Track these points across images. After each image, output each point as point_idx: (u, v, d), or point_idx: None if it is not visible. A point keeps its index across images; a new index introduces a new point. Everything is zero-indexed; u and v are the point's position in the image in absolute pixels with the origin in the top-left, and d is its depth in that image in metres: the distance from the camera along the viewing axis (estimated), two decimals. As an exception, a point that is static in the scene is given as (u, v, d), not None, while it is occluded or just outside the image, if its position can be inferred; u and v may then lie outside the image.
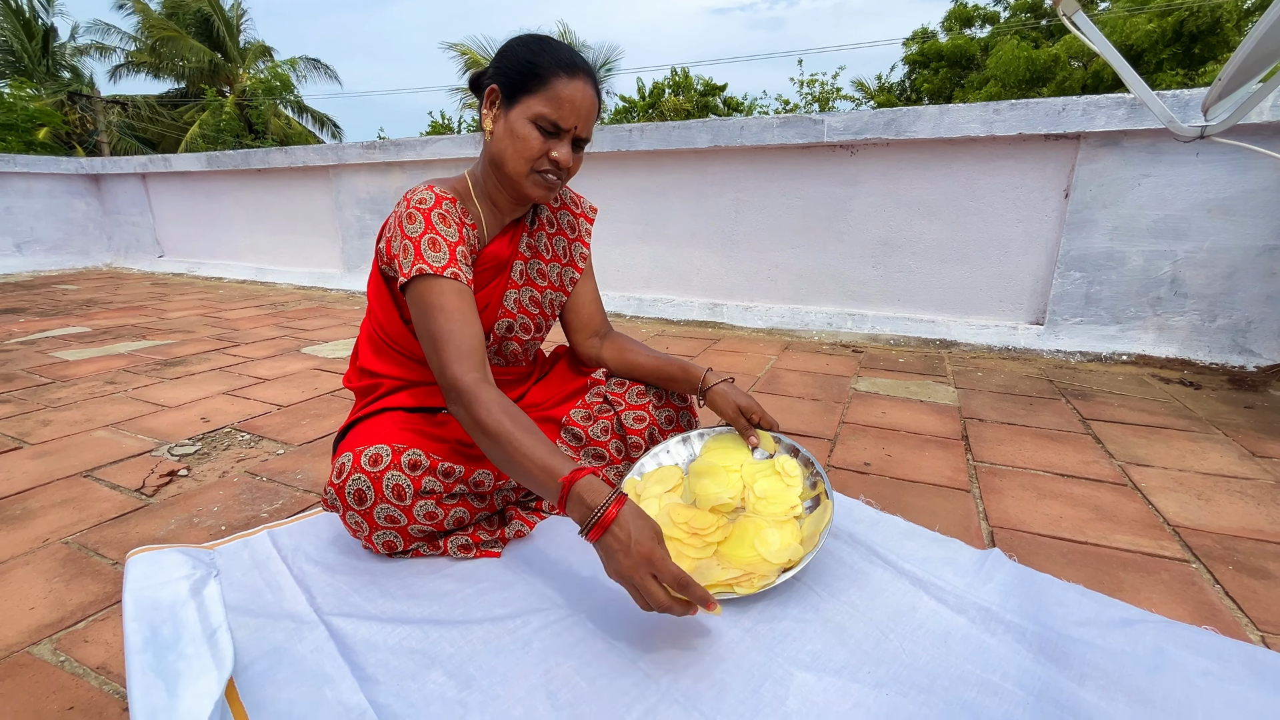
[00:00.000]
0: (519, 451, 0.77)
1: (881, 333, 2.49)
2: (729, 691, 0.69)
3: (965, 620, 0.80)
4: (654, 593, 0.69)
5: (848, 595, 0.86)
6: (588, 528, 0.71)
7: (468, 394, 0.82)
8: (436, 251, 0.91)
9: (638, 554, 0.69)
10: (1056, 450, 1.38)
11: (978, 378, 1.98)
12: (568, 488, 0.73)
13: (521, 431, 0.78)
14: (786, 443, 1.05)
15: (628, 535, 0.70)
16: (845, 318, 2.59)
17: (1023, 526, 1.06)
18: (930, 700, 0.68)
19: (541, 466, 0.75)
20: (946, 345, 2.36)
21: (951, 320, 2.42)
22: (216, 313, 3.20)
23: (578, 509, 0.72)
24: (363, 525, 0.90)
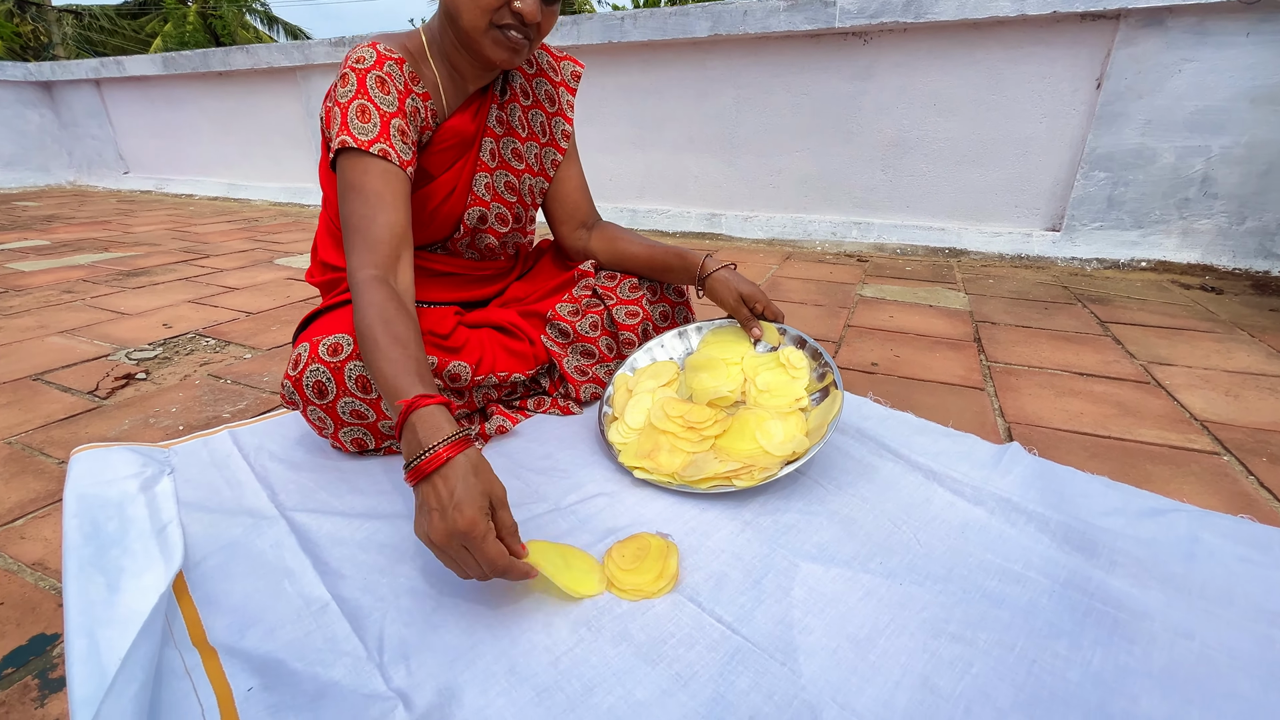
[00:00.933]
0: (376, 361, 0.65)
1: (888, 241, 2.36)
2: (727, 583, 0.63)
3: (983, 511, 0.74)
4: (467, 567, 0.56)
5: (856, 489, 0.80)
6: (408, 466, 0.57)
7: (355, 291, 0.72)
8: (365, 122, 0.78)
9: (455, 521, 0.53)
10: (1075, 351, 1.30)
11: (989, 285, 1.88)
12: (406, 412, 0.59)
13: (390, 340, 0.66)
14: (793, 333, 0.96)
15: (450, 493, 0.55)
16: (850, 226, 2.45)
17: (1041, 422, 0.99)
18: (948, 589, 0.62)
19: (390, 383, 0.63)
20: (956, 254, 2.24)
21: (962, 227, 2.29)
22: (185, 227, 3.02)
23: (408, 441, 0.58)
24: (327, 421, 0.82)
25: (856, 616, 0.59)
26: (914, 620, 0.58)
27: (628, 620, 0.59)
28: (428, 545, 0.56)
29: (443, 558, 0.56)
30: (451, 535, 0.54)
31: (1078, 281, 1.91)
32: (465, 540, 0.54)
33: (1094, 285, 1.86)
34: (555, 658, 0.55)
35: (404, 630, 0.57)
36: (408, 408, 0.59)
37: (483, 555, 0.55)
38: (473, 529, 0.54)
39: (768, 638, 0.56)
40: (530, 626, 0.58)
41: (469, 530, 0.54)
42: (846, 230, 2.46)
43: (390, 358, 0.65)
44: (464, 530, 0.54)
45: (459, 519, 0.54)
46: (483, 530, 0.55)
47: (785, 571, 0.65)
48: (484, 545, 0.55)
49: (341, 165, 0.79)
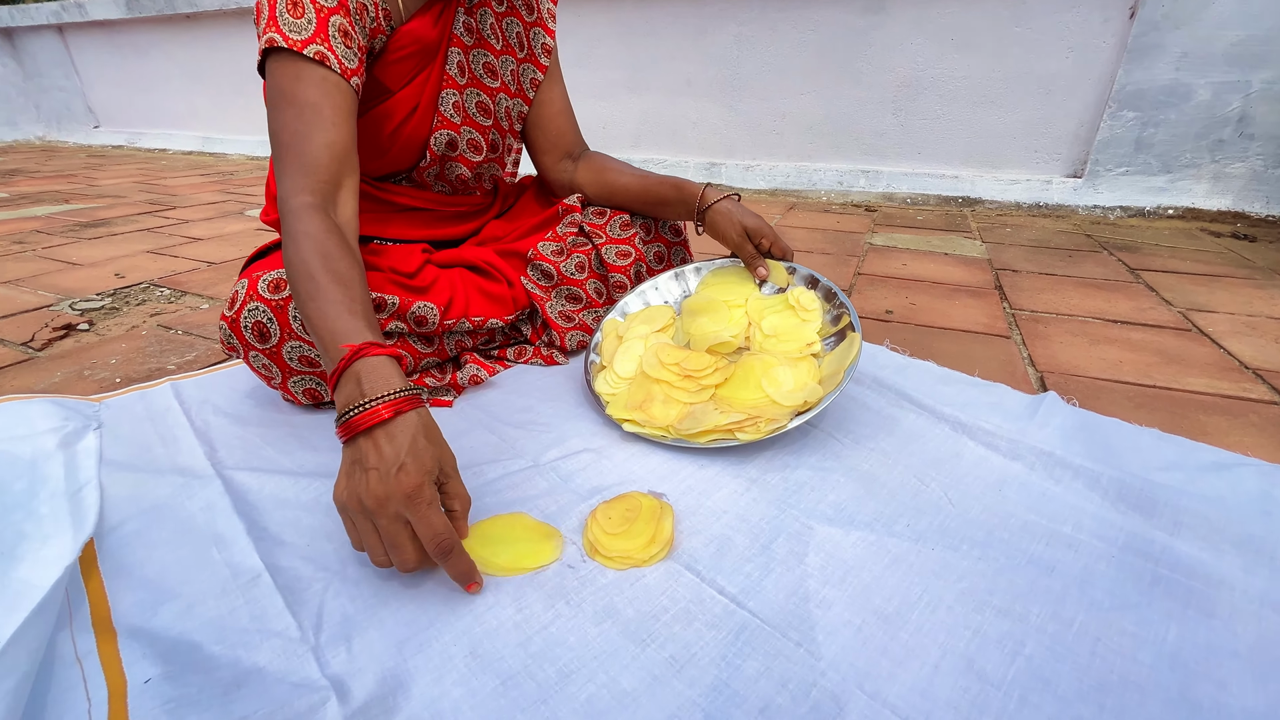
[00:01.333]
0: (313, 301, 0.54)
1: (898, 190, 2.23)
2: (730, 549, 0.54)
3: (1022, 467, 0.65)
4: (399, 544, 0.46)
5: (876, 442, 0.70)
6: (343, 418, 0.48)
7: (286, 220, 0.60)
8: (297, 17, 0.65)
9: (399, 482, 0.45)
10: (1106, 298, 1.20)
11: (1006, 233, 1.76)
12: (350, 359, 0.49)
13: (330, 278, 0.56)
14: (803, 272, 0.86)
15: (396, 452, 0.46)
16: (858, 175, 2.31)
17: (1077, 371, 0.89)
18: (988, 555, 0.53)
19: (330, 326, 0.52)
20: (970, 203, 2.12)
21: (977, 175, 2.16)
22: (155, 180, 2.86)
23: (346, 392, 0.49)
24: (273, 369, 0.71)
25: (883, 587, 0.50)
26: (951, 591, 0.49)
27: (614, 593, 0.50)
28: (349, 511, 0.47)
29: (363, 531, 0.47)
30: (388, 498, 0.45)
31: (1100, 230, 1.79)
32: (406, 505, 0.45)
33: (1118, 234, 1.74)
34: (526, 638, 0.46)
35: (348, 605, 0.48)
36: (352, 354, 0.50)
37: (426, 527, 0.45)
38: (418, 492, 0.45)
39: (780, 613, 0.47)
40: (498, 601, 0.49)
41: (413, 493, 0.45)
42: (854, 179, 2.32)
43: (331, 298, 0.54)
44: (407, 492, 0.45)
45: (403, 479, 0.45)
46: (429, 496, 0.46)
47: (798, 535, 0.56)
48: (428, 513, 0.45)
49: (271, 70, 0.67)
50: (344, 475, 0.48)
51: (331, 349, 0.52)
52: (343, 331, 0.52)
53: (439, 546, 0.46)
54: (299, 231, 0.59)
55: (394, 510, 0.45)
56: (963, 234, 1.75)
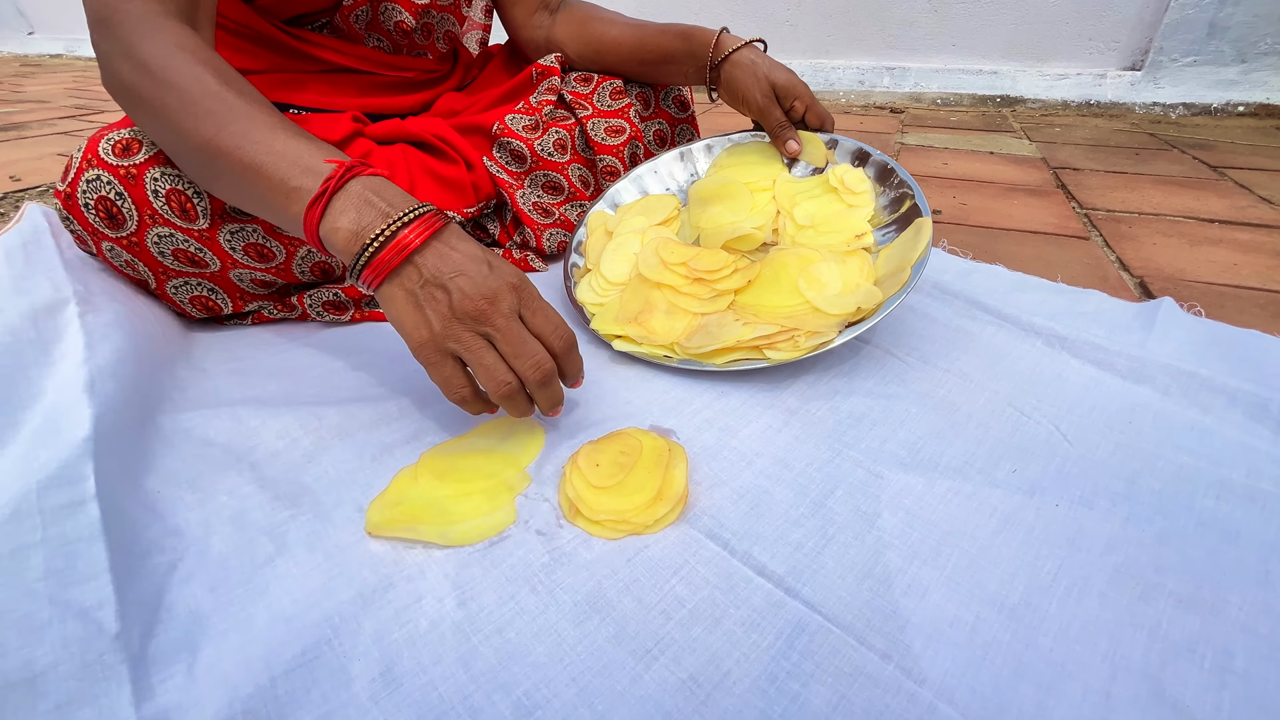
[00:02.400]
0: (231, 124, 0.40)
1: (927, 90, 1.97)
2: (770, 505, 0.38)
3: (1152, 391, 0.49)
4: (526, 348, 0.38)
5: (950, 361, 0.53)
6: (369, 252, 0.37)
7: (131, 34, 0.42)
8: None
9: (500, 276, 0.38)
10: (1194, 196, 1.01)
11: (1055, 133, 1.53)
12: (339, 178, 0.38)
13: (240, 95, 0.42)
14: (848, 145, 0.66)
15: (471, 253, 0.38)
16: (882, 73, 2.04)
17: (1184, 276, 0.72)
18: (1138, 514, 0.37)
19: (277, 148, 0.40)
20: (1009, 102, 1.87)
21: (1019, 70, 1.89)
22: (88, 88, 2.54)
23: (349, 218, 0.37)
24: (139, 267, 0.52)
25: (997, 564, 0.34)
26: (1099, 570, 0.34)
27: (603, 575, 0.34)
28: (440, 343, 0.38)
29: (475, 353, 0.38)
30: (497, 294, 0.38)
31: (1163, 129, 1.57)
32: (519, 297, 0.39)
33: (1184, 132, 1.52)
34: (469, 649, 0.30)
35: (203, 595, 0.32)
36: (342, 172, 0.38)
37: (545, 319, 0.40)
38: (524, 281, 0.40)
39: (852, 605, 0.32)
40: (429, 588, 0.33)
41: (520, 283, 0.39)
42: (877, 77, 2.05)
43: (260, 118, 0.41)
44: (513, 283, 0.39)
45: (503, 271, 0.39)
46: (533, 289, 0.40)
47: (863, 487, 0.39)
48: (543, 304, 0.40)
49: None
50: (410, 311, 0.38)
51: (294, 173, 0.39)
52: (302, 152, 0.39)
53: (565, 340, 0.40)
54: (164, 45, 0.42)
55: (508, 306, 0.38)
56: (1006, 134, 1.52)
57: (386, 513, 0.37)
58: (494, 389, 0.38)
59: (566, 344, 0.40)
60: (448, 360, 0.39)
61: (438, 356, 0.39)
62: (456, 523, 0.36)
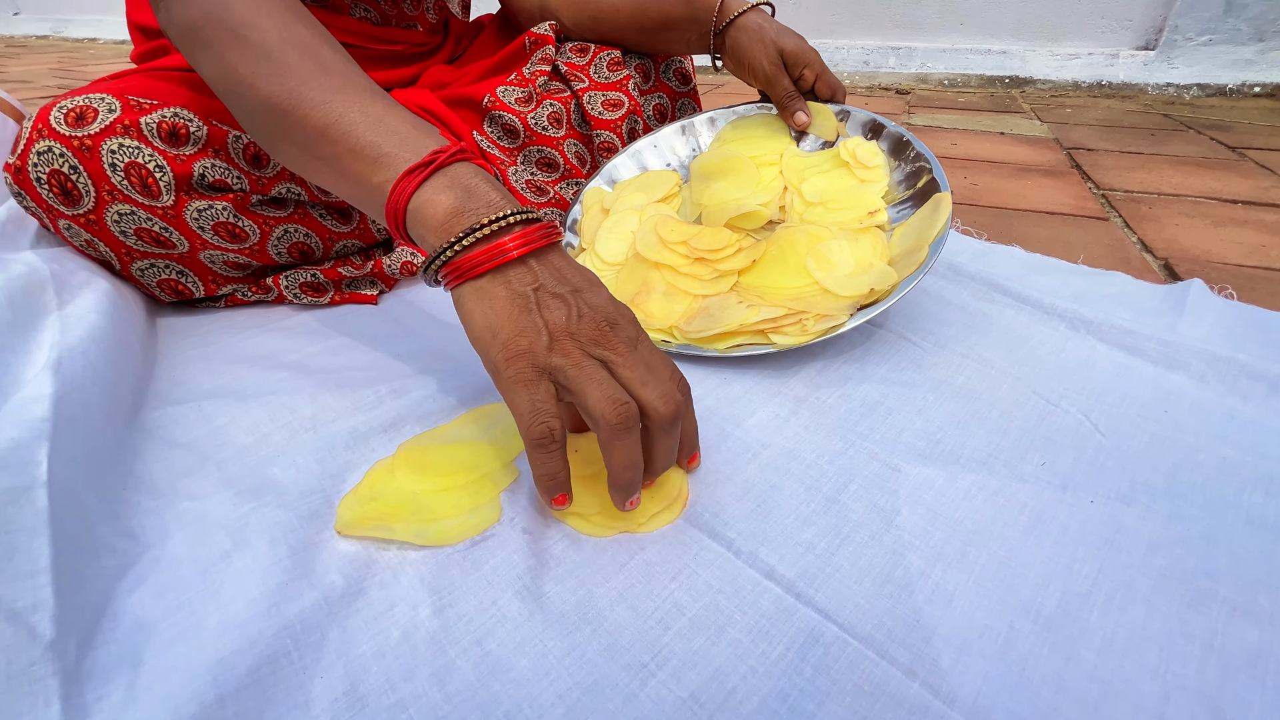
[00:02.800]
0: (315, 75, 0.37)
1: (934, 70, 1.92)
2: (778, 501, 0.35)
3: (1186, 378, 0.45)
4: (653, 374, 0.32)
5: (969, 346, 0.50)
6: (473, 241, 0.32)
7: None
8: None
9: (619, 306, 0.34)
10: (1215, 177, 0.97)
11: (1067, 114, 1.49)
12: (449, 157, 0.34)
13: (325, 45, 0.39)
14: (861, 117, 0.62)
15: (583, 274, 0.34)
16: (887, 53, 1.99)
17: (1211, 257, 0.68)
18: (1182, 511, 0.34)
19: (376, 116, 0.36)
20: (1019, 83, 1.82)
21: (1029, 50, 1.84)
22: (75, 68, 2.48)
23: (454, 194, 0.33)
24: (100, 247, 0.49)
25: (1030, 566, 0.31)
26: (1143, 572, 0.30)
27: (593, 579, 0.31)
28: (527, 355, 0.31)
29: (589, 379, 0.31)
30: (618, 319, 0.33)
31: (1177, 110, 1.52)
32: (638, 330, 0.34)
33: (1199, 113, 1.48)
34: (445, 664, 0.27)
35: (150, 603, 0.29)
36: (455, 150, 0.34)
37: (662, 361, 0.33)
38: (632, 324, 0.34)
39: (871, 613, 0.29)
40: (402, 594, 0.30)
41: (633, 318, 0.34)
42: (882, 58, 1.99)
43: (359, 82, 0.38)
44: (630, 316, 0.34)
45: (616, 306, 0.34)
46: (644, 331, 0.34)
47: (880, 481, 0.36)
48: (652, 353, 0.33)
49: None
50: (515, 314, 0.31)
51: (391, 142, 0.35)
52: (403, 123, 0.36)
53: (685, 388, 0.34)
54: None
55: (631, 334, 0.33)
56: (1016, 114, 1.48)
57: (359, 509, 0.34)
58: (609, 411, 0.30)
59: (686, 392, 0.34)
60: (543, 380, 0.31)
61: (534, 374, 0.31)
62: (435, 521, 0.33)
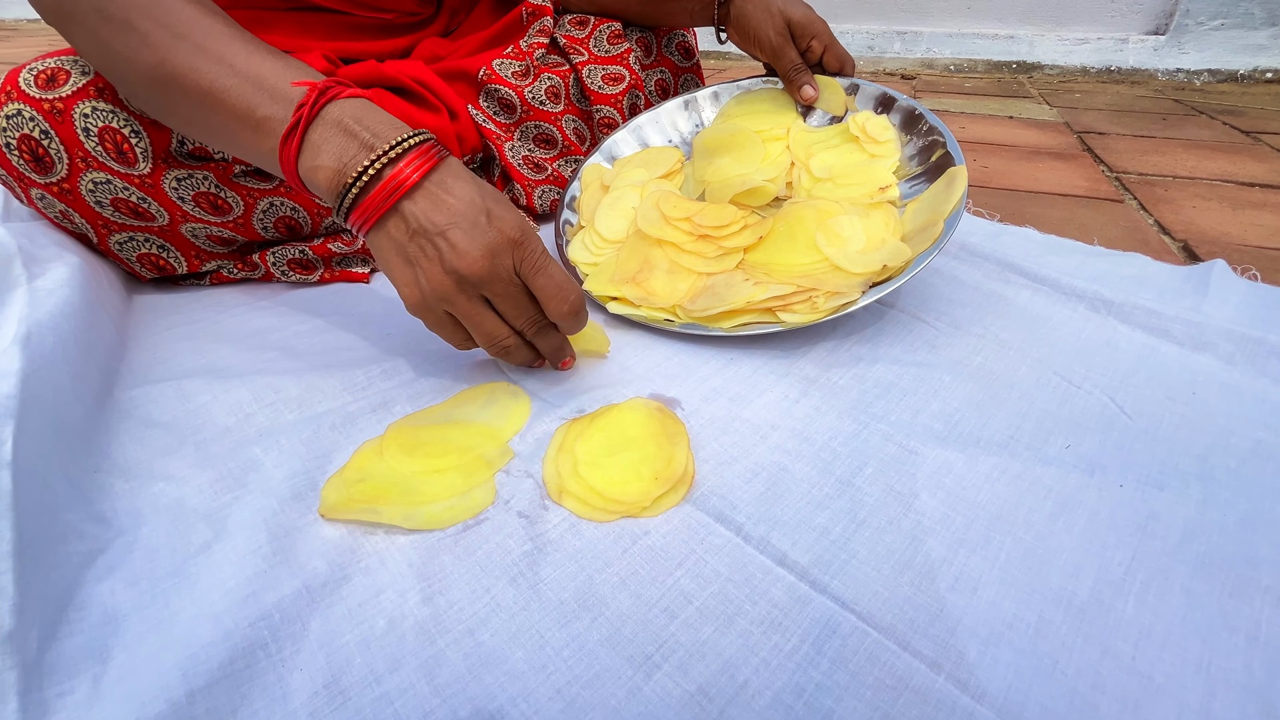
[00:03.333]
0: (189, 40, 0.34)
1: (940, 55, 1.89)
2: (789, 484, 0.33)
3: (1214, 360, 0.43)
4: (519, 307, 0.36)
5: (985, 326, 0.48)
6: (353, 193, 0.32)
7: None
8: None
9: (500, 230, 0.34)
10: (1230, 160, 0.95)
11: (1076, 99, 1.46)
12: (315, 102, 0.32)
13: (206, 13, 0.36)
14: (871, 90, 0.60)
15: (470, 198, 0.33)
16: (893, 38, 1.96)
17: (1231, 239, 0.66)
18: (1215, 496, 0.32)
19: (241, 69, 0.34)
20: (1026, 69, 1.79)
21: (1037, 35, 1.81)
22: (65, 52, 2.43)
23: (329, 151, 0.32)
24: (75, 219, 0.46)
25: (1058, 554, 0.29)
26: (1179, 560, 0.29)
27: (594, 565, 0.29)
28: (438, 299, 0.34)
29: (471, 315, 0.35)
30: (496, 250, 0.33)
31: (1188, 96, 1.49)
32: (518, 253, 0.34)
33: (1211, 99, 1.45)
34: (435, 654, 0.25)
35: (122, 592, 0.27)
36: (316, 93, 0.33)
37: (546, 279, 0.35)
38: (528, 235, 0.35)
39: (890, 602, 0.27)
40: (390, 579, 0.28)
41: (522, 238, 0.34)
42: (888, 42, 1.96)
43: (225, 36, 0.35)
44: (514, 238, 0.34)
45: (503, 224, 0.34)
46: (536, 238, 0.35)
47: (896, 463, 0.34)
48: (546, 260, 0.35)
49: None
50: (400, 266, 0.34)
51: (260, 100, 0.33)
52: (266, 72, 0.34)
53: (573, 303, 0.36)
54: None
55: (506, 266, 0.34)
56: (1025, 99, 1.45)
57: (345, 491, 0.32)
58: (488, 346, 0.37)
59: (573, 307, 0.36)
60: (445, 320, 0.36)
61: (432, 317, 0.36)
62: (425, 503, 0.31)
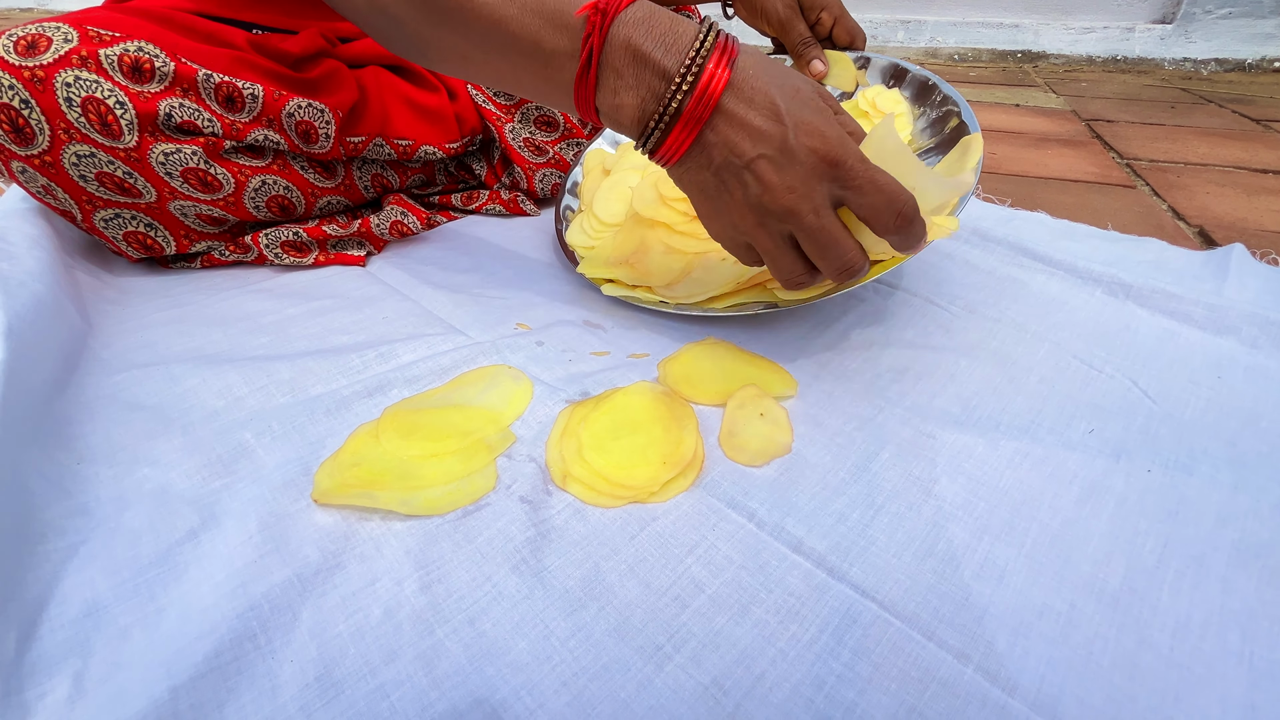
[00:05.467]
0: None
1: (944, 45, 1.87)
2: (802, 470, 0.32)
3: (1238, 344, 0.42)
4: (835, 238, 0.31)
5: (1000, 309, 0.46)
6: (659, 127, 0.30)
7: None
8: None
9: (828, 132, 0.30)
10: (1242, 147, 0.93)
11: (1082, 87, 1.44)
12: (600, 30, 0.29)
13: None
14: (881, 62, 0.58)
15: (788, 97, 0.30)
16: (896, 27, 1.93)
17: (1248, 225, 0.65)
18: (1247, 480, 0.31)
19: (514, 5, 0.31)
20: (1031, 58, 1.77)
21: (1042, 24, 1.79)
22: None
23: (624, 84, 0.30)
24: (59, 194, 0.45)
25: (1087, 540, 0.28)
26: (1214, 547, 0.27)
27: (601, 553, 0.27)
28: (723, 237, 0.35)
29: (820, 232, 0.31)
30: (837, 149, 0.30)
31: (1195, 85, 1.48)
32: (836, 172, 0.30)
33: (1218, 88, 1.43)
34: (433, 644, 0.24)
35: (102, 582, 0.26)
36: (597, 14, 0.29)
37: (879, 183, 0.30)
38: (842, 143, 0.30)
39: (910, 590, 0.25)
40: (386, 565, 0.26)
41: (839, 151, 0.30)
42: (891, 31, 1.94)
43: None
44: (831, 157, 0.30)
45: (827, 125, 0.30)
46: (848, 167, 0.30)
47: (914, 447, 0.33)
48: (858, 193, 0.30)
49: None
50: (703, 202, 0.33)
51: (545, 31, 0.30)
52: None
53: (904, 213, 0.30)
54: None
55: (820, 198, 0.30)
56: (1030, 88, 1.43)
57: (339, 476, 0.30)
58: (785, 283, 0.34)
59: (904, 218, 0.30)
60: (749, 252, 0.35)
61: (737, 249, 0.35)
62: (423, 488, 0.30)
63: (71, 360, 0.39)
